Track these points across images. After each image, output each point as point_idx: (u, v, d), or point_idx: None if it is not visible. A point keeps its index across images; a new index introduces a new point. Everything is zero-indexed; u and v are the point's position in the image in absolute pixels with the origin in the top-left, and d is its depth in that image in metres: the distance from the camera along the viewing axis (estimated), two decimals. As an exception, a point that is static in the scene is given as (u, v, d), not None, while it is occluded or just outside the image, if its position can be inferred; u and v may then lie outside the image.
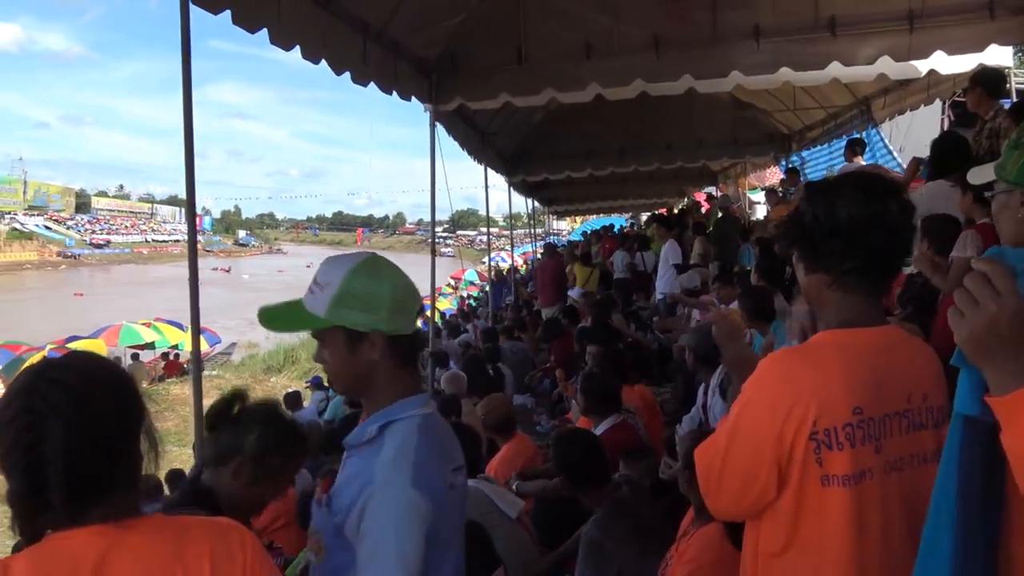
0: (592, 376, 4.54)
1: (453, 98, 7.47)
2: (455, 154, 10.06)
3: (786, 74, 6.77)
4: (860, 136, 9.50)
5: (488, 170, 12.07)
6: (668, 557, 2.72)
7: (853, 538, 1.55)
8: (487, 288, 21.35)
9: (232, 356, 26.90)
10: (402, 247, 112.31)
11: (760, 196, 16.45)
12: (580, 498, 3.56)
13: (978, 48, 6.03)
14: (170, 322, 24.54)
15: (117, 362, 1.53)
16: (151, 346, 23.34)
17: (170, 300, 37.47)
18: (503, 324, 12.05)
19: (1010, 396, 1.00)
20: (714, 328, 1.97)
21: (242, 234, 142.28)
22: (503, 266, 25.59)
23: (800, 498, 1.58)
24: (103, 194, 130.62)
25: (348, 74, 5.79)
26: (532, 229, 22.68)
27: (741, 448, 1.64)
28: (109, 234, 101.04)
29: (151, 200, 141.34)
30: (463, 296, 31.35)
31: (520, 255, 25.77)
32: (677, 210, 18.18)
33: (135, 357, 21.96)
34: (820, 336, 1.68)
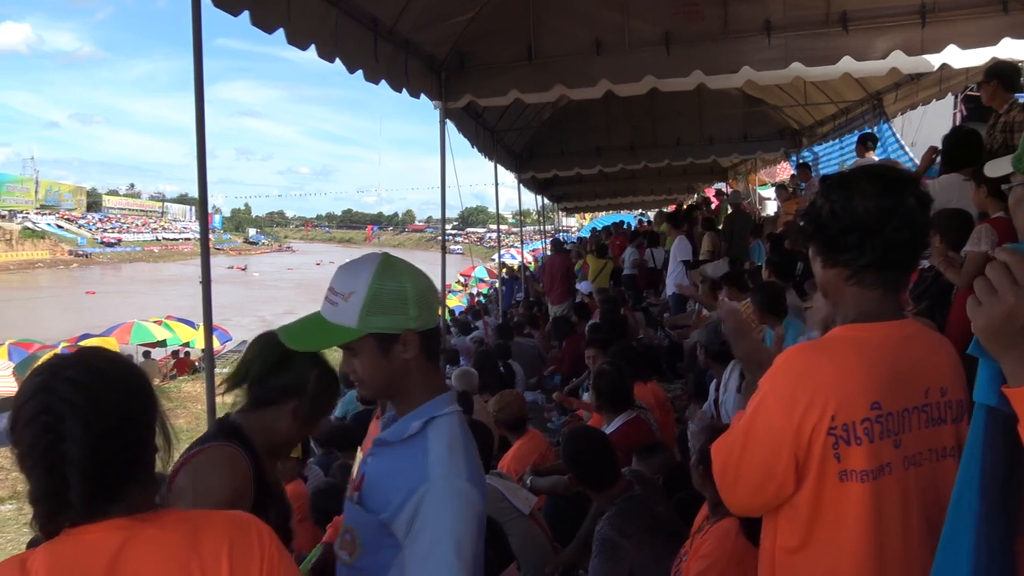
0: (604, 373, 4.52)
1: (463, 95, 7.47)
2: (464, 151, 10.09)
3: (797, 69, 6.72)
4: (872, 131, 9.45)
5: (498, 167, 12.08)
6: (682, 553, 2.72)
7: (871, 533, 1.55)
8: (497, 285, 21.35)
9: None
10: (412, 244, 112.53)
11: (770, 192, 16.38)
12: (589, 495, 3.56)
13: (991, 42, 5.99)
14: (181, 320, 24.63)
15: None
16: (162, 344, 23.43)
17: (181, 298, 37.74)
18: (514, 321, 12.05)
19: None
20: (723, 323, 1.94)
21: (252, 232, 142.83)
22: (513, 263, 25.56)
23: (818, 493, 1.57)
24: (114, 193, 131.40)
25: (360, 72, 5.80)
26: (542, 226, 22.66)
27: (758, 443, 1.63)
28: (120, 233, 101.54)
29: (161, 199, 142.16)
30: (473, 293, 31.36)
31: (529, 252, 25.77)
32: (686, 206, 18.13)
33: (147, 355, 22.07)
34: (837, 331, 1.67)
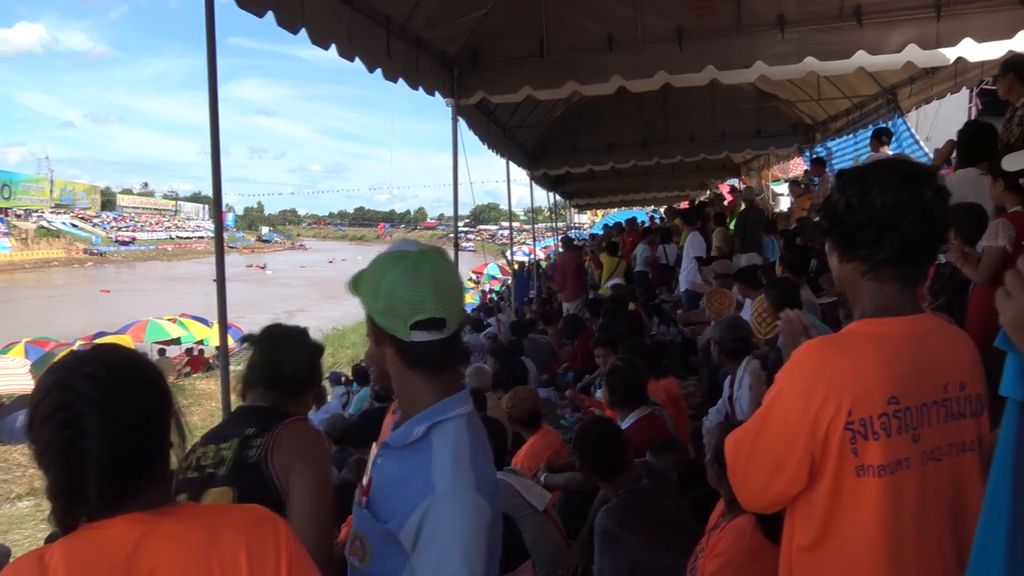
0: (617, 370, 4.50)
1: (475, 92, 7.46)
2: (476, 149, 10.09)
3: (811, 64, 6.67)
4: (886, 126, 9.38)
5: (510, 164, 12.07)
6: (698, 550, 2.71)
7: (887, 528, 1.53)
8: (509, 282, 21.35)
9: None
10: (423, 242, 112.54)
11: (783, 188, 16.31)
12: (599, 486, 3.54)
13: (1007, 35, 5.93)
14: (195, 317, 24.76)
15: (143, 356, 1.54)
16: (177, 342, 23.55)
17: (195, 296, 37.94)
18: (527, 318, 12.05)
19: None
20: (782, 330, 1.89)
21: (265, 230, 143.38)
22: (525, 259, 25.58)
23: (835, 489, 1.57)
24: (128, 192, 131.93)
25: (378, 71, 5.83)
26: (554, 223, 22.63)
27: (771, 436, 1.62)
28: (134, 231, 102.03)
29: (175, 197, 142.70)
30: (485, 290, 31.35)
31: (541, 249, 25.75)
32: (698, 202, 18.07)
33: (161, 352, 22.20)
34: (855, 325, 1.66)
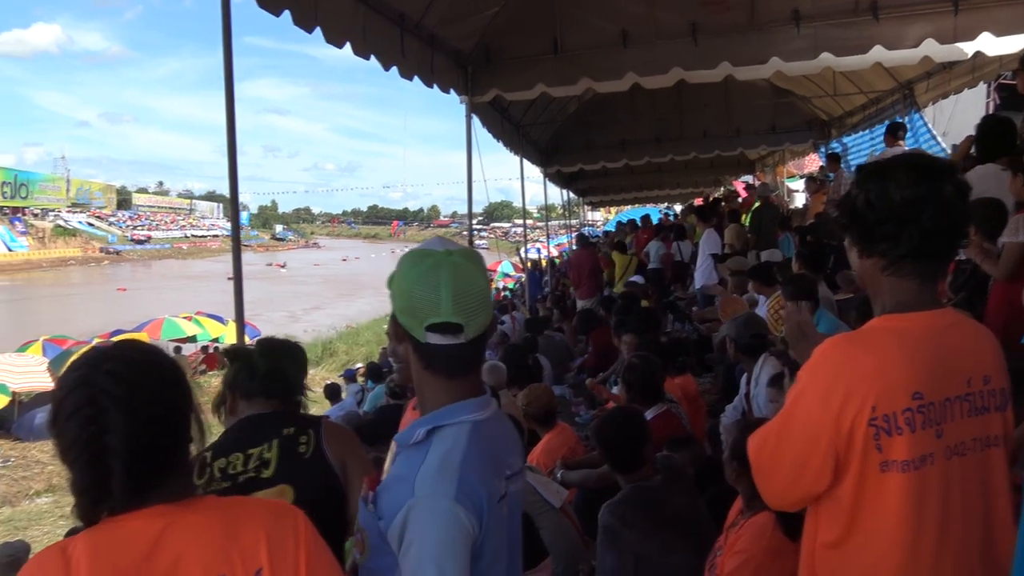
0: (634, 366, 4.49)
1: (489, 89, 7.47)
2: (489, 147, 10.08)
3: (827, 59, 6.63)
4: (903, 121, 9.31)
5: (523, 161, 12.06)
6: (716, 547, 2.70)
7: (910, 523, 1.53)
8: (522, 279, 21.35)
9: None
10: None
11: (798, 184, 16.21)
12: (618, 480, 3.50)
13: (1027, 29, 5.88)
14: (211, 316, 24.92)
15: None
16: (192, 339, 23.71)
17: (211, 294, 38.14)
18: (540, 315, 12.03)
19: None
20: (786, 326, 1.89)
21: (279, 228, 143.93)
22: (540, 257, 25.57)
23: (860, 486, 1.56)
24: (143, 191, 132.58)
25: (394, 69, 5.86)
26: (567, 220, 22.60)
27: (795, 433, 1.61)
28: (149, 230, 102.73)
29: (190, 196, 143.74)
30: (499, 288, 31.34)
31: (555, 246, 25.75)
32: (712, 199, 18.00)
33: (177, 350, 22.31)
34: (876, 321, 1.65)
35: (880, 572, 1.57)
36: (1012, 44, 6.11)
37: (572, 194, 20.45)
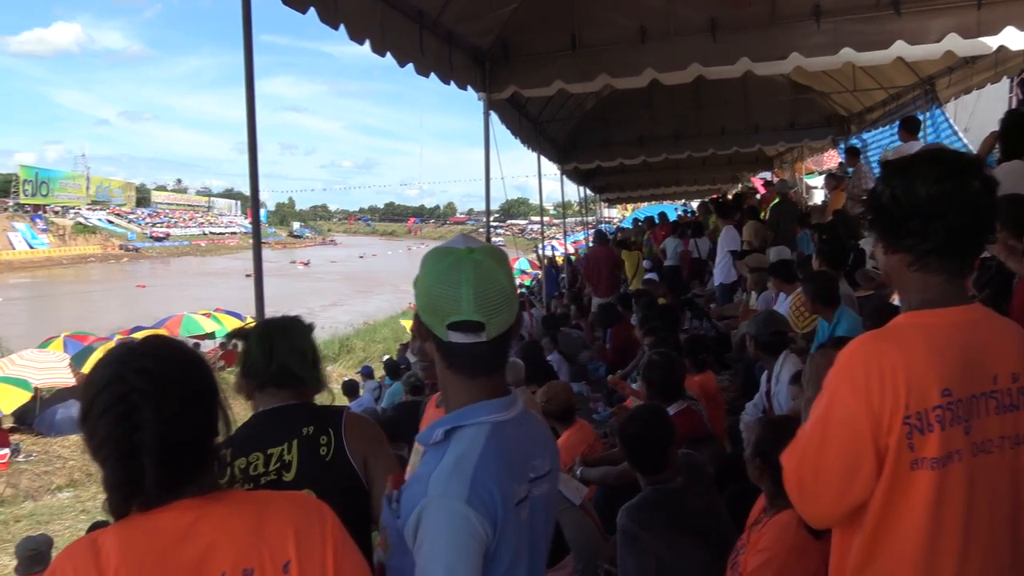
0: (654, 364, 4.48)
1: (507, 86, 7.47)
2: (506, 143, 10.09)
3: (848, 55, 6.53)
4: (921, 116, 9.21)
5: (541, 158, 12.05)
6: (739, 545, 2.68)
7: (932, 520, 1.51)
8: (539, 276, 21.34)
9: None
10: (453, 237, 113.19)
11: (817, 181, 16.10)
12: (639, 479, 3.47)
13: (1051, 23, 5.80)
14: (229, 312, 25.08)
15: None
16: (211, 336, 23.87)
17: (229, 291, 38.41)
18: (557, 312, 12.03)
19: None
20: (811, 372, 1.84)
21: (296, 226, 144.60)
22: (557, 255, 25.53)
23: (891, 485, 1.52)
24: (162, 188, 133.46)
25: (411, 66, 5.87)
26: (584, 217, 22.56)
27: (838, 438, 1.55)
28: (168, 227, 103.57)
29: (208, 193, 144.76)
30: (515, 285, 31.26)
31: (572, 243, 25.70)
32: (731, 196, 17.91)
33: (196, 347, 22.49)
34: (902, 317, 1.63)
35: (903, 568, 1.54)
36: (1036, 38, 6.03)
37: (589, 191, 20.42)
